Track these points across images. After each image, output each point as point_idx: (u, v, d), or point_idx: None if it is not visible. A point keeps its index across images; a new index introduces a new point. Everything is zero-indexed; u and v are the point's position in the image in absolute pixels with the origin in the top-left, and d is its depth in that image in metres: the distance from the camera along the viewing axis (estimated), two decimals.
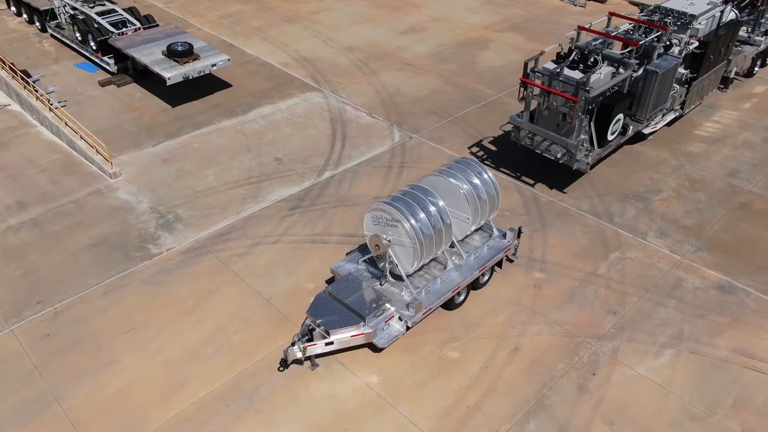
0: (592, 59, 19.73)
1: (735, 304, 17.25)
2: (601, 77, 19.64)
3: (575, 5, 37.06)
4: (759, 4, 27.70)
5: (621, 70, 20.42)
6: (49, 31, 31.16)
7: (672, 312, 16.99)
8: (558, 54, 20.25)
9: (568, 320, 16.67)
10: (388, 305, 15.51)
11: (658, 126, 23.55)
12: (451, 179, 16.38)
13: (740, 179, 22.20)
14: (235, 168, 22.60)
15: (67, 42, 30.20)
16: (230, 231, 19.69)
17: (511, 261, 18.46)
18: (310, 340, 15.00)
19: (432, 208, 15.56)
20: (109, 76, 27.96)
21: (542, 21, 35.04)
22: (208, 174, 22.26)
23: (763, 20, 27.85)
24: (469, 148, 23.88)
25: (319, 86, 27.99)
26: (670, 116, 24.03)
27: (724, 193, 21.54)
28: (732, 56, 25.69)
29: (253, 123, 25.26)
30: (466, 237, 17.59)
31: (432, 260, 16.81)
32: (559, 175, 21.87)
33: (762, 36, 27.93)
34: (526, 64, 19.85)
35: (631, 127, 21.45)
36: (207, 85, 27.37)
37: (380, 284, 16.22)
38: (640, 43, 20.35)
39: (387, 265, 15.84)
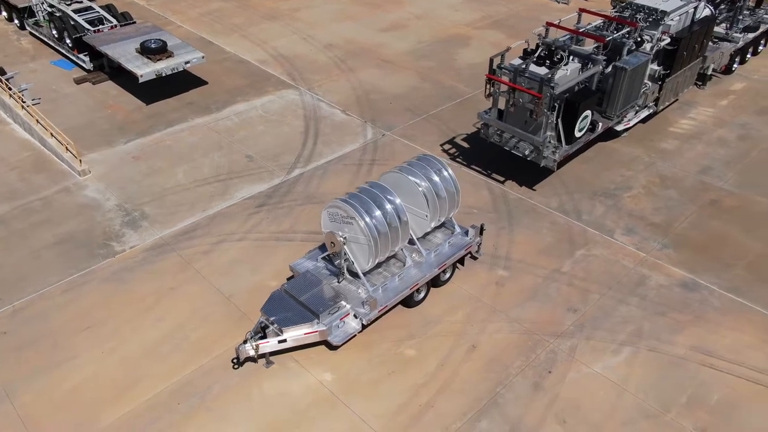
0: (558, 55, 19.61)
1: (698, 302, 17.16)
2: (568, 73, 19.53)
3: (558, 2, 36.90)
4: (737, 0, 27.57)
5: (590, 66, 20.32)
6: (28, 28, 31.12)
7: (634, 310, 16.90)
8: (525, 50, 20.14)
9: (529, 318, 16.59)
10: (343, 303, 15.45)
11: (632, 123, 23.42)
12: (410, 177, 16.30)
13: (712, 176, 22.08)
14: (205, 165, 22.54)
15: (45, 40, 30.15)
16: (195, 228, 19.63)
17: (474, 258, 18.39)
18: (264, 337, 14.94)
19: (388, 206, 15.47)
20: (85, 73, 27.90)
21: (524, 18, 34.87)
22: (178, 171, 22.20)
23: (740, 17, 27.71)
24: (442, 145, 23.80)
25: (295, 83, 27.91)
26: (644, 113, 23.91)
27: (695, 191, 21.42)
28: (708, 53, 25.54)
29: (227, 120, 25.20)
30: (427, 234, 17.52)
31: (392, 257, 16.75)
32: (530, 173, 21.76)
33: (740, 33, 27.78)
34: (491, 61, 19.77)
35: (600, 123, 21.33)
36: (182, 82, 27.30)
37: (338, 282, 16.15)
38: (607, 39, 20.25)
39: (343, 263, 15.77)
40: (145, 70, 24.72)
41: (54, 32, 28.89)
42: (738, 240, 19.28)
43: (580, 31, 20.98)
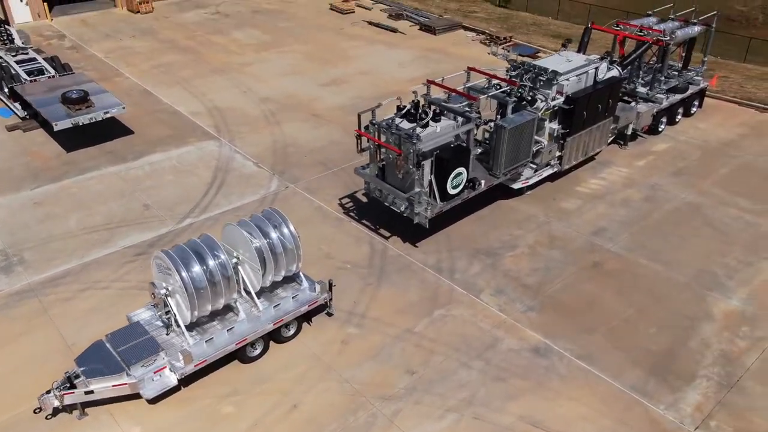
0: (429, 112, 19.66)
1: (544, 368, 16.50)
2: (438, 130, 19.52)
3: (507, 60, 37.15)
4: (656, 62, 27.46)
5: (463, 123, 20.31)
6: None
7: (474, 374, 16.32)
8: (397, 107, 20.27)
9: (361, 379, 16.13)
10: (162, 355, 15.29)
11: (531, 181, 23.16)
12: (244, 231, 16.28)
13: (603, 238, 21.55)
14: (100, 213, 22.88)
15: None
16: (66, 275, 19.80)
17: (329, 315, 18.11)
18: (73, 387, 14.80)
19: (211, 261, 15.43)
20: (19, 121, 28.90)
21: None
22: (72, 219, 22.56)
23: (662, 78, 27.50)
24: (341, 198, 23.81)
25: (219, 135, 28.44)
26: (547, 171, 23.67)
27: (581, 252, 20.90)
28: (620, 113, 25.29)
29: (138, 170, 25.68)
30: (275, 288, 17.39)
31: (229, 310, 16.62)
32: (418, 229, 21.49)
33: (664, 94, 27.52)
34: (359, 117, 19.92)
35: (483, 181, 21.08)
36: (108, 131, 28.01)
37: (166, 333, 16.03)
38: (481, 97, 20.27)
39: (164, 315, 15.69)
40: (62, 119, 25.49)
41: None
42: (607, 304, 18.63)
43: (457, 89, 21.07)
